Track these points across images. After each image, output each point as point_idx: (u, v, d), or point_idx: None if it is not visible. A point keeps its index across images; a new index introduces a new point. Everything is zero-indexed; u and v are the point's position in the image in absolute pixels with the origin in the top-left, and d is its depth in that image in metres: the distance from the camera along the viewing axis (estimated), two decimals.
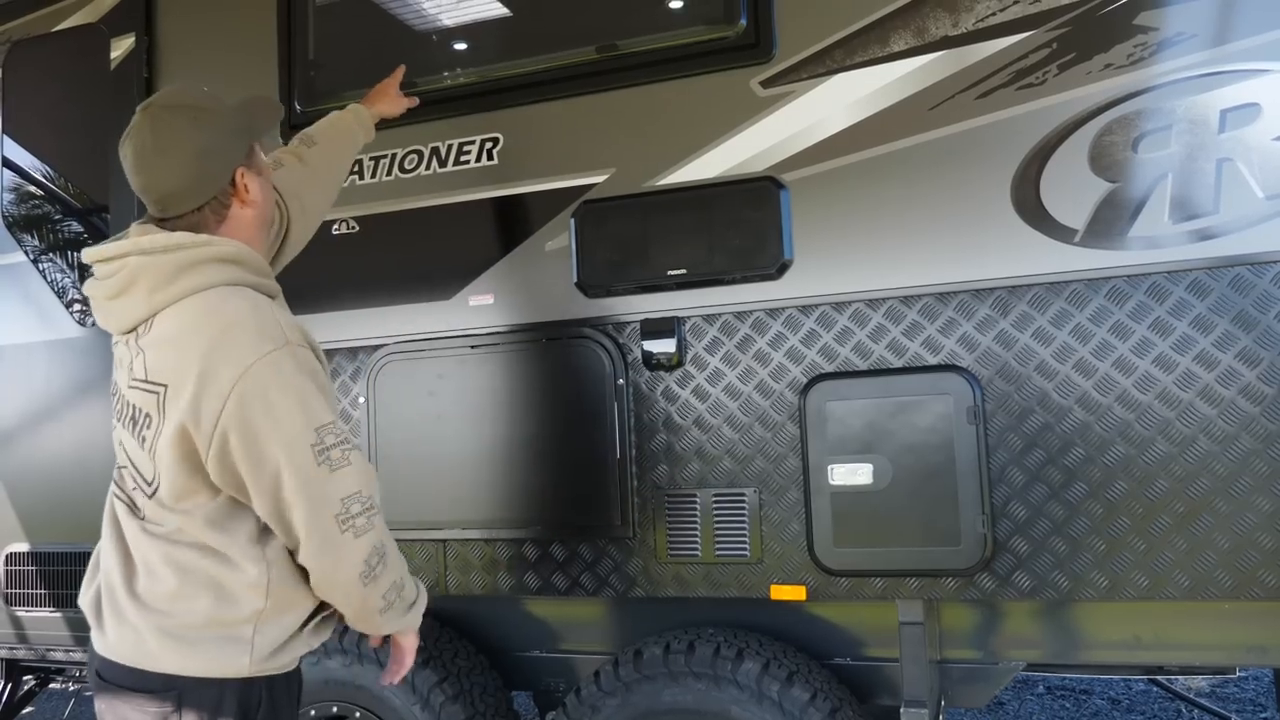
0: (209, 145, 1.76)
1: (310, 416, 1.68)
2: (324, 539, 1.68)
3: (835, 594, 2.53)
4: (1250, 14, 2.24)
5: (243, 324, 1.69)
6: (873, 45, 2.53)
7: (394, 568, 1.81)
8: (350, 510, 1.70)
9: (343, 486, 1.70)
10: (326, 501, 1.68)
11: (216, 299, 1.71)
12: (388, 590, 1.79)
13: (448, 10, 3.04)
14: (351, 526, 1.70)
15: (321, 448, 1.68)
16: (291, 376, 1.68)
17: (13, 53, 3.53)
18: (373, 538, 1.73)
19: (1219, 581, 2.24)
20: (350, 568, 1.71)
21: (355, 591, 1.74)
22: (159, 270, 1.71)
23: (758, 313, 2.60)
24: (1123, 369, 2.32)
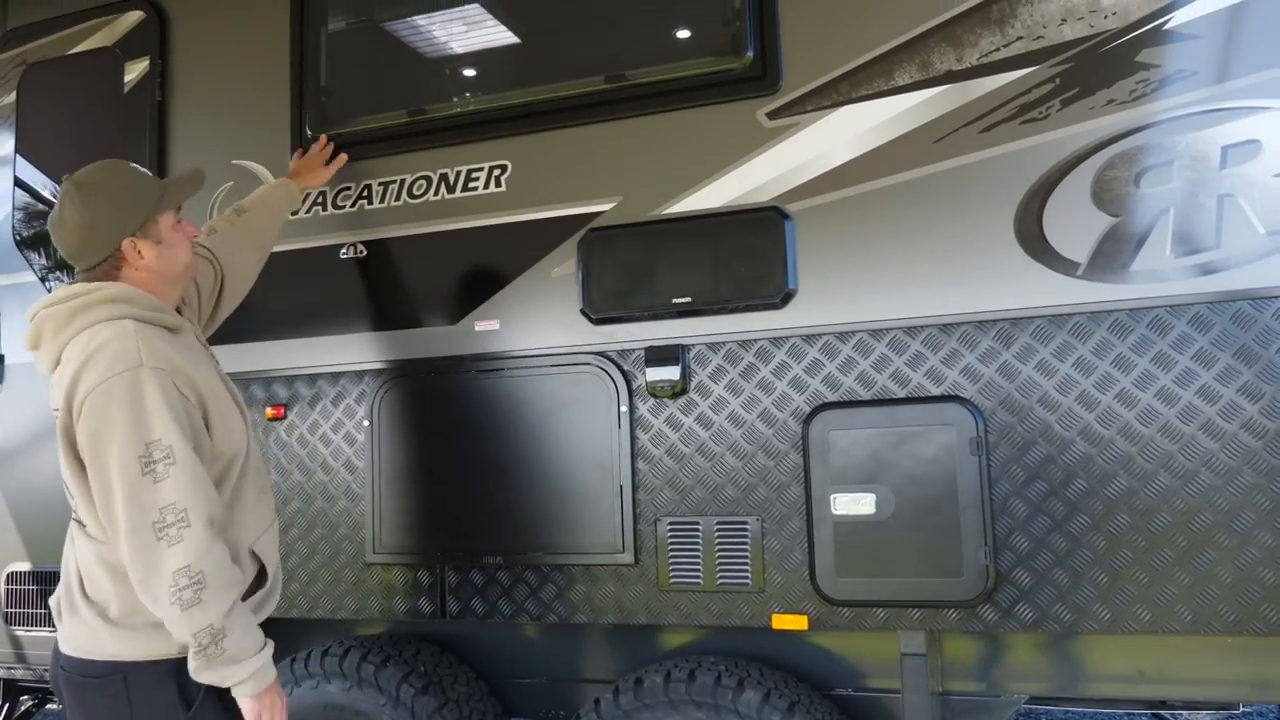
0: (92, 221, 2.07)
1: (143, 431, 1.90)
2: (141, 542, 1.88)
3: (837, 624, 2.52)
4: (1251, 52, 2.26)
5: (104, 348, 1.94)
6: (878, 78, 2.56)
7: (212, 609, 1.89)
8: (166, 519, 1.88)
9: (162, 497, 1.89)
10: (145, 509, 1.88)
11: (95, 331, 1.99)
12: (200, 630, 1.89)
13: (458, 37, 3.08)
14: (165, 535, 1.88)
15: (148, 459, 1.89)
16: (136, 394, 1.91)
17: (28, 74, 3.57)
18: (183, 551, 1.88)
19: (1222, 616, 2.24)
20: (162, 577, 1.88)
21: (165, 608, 1.89)
22: (58, 317, 2.03)
23: (762, 341, 2.62)
24: (1125, 402, 2.32)
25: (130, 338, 1.96)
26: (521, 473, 2.79)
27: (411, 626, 3.15)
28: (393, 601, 2.93)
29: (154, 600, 1.90)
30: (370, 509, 2.94)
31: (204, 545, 1.90)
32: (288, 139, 3.14)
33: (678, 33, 2.84)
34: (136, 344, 1.95)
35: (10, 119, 3.59)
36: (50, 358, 2.06)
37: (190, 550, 1.88)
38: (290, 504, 3.05)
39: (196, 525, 1.90)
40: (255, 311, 3.12)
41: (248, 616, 1.98)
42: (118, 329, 1.97)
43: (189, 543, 1.88)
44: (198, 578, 1.88)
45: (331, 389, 3.03)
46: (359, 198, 3.05)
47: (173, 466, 1.90)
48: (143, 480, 1.88)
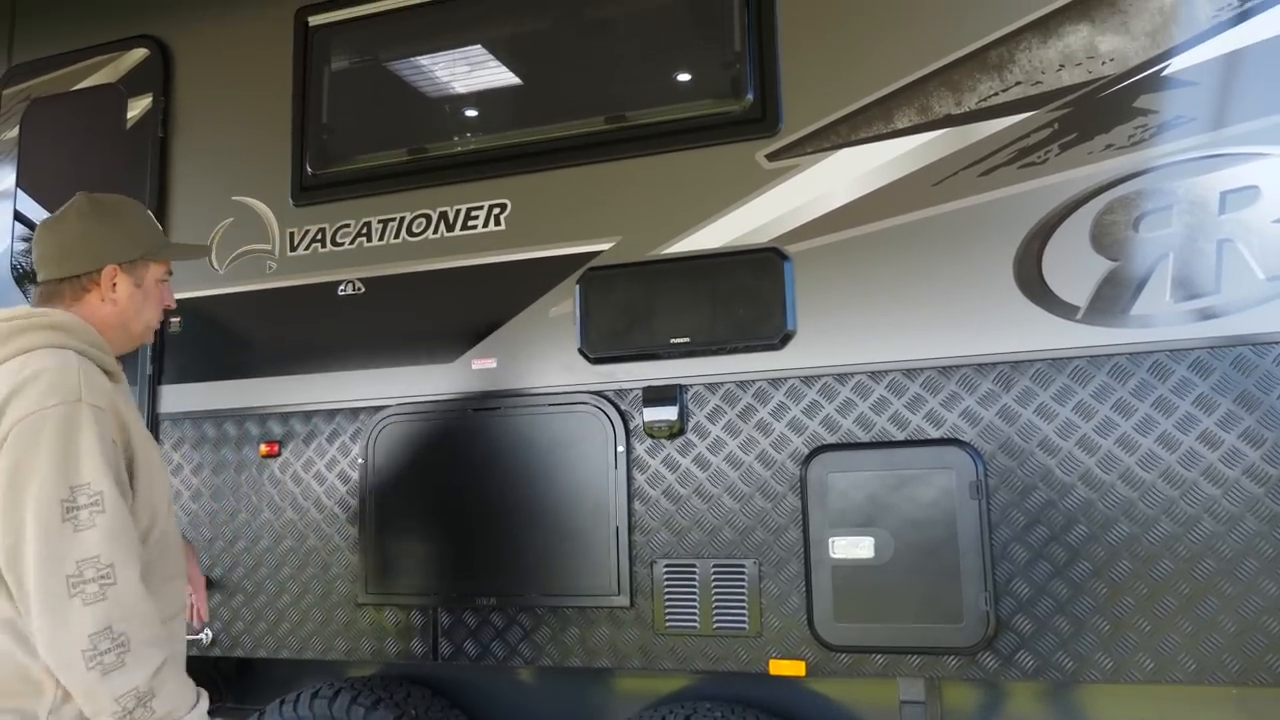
0: (91, 234, 1.99)
1: (70, 473, 1.69)
2: (50, 598, 1.64)
3: (835, 670, 2.49)
4: (1248, 99, 2.28)
5: (39, 377, 1.75)
6: (877, 122, 2.57)
7: (139, 669, 1.66)
8: (84, 574, 1.65)
9: (82, 549, 1.66)
10: (60, 559, 1.65)
11: (33, 356, 1.80)
12: (124, 694, 1.64)
13: (459, 78, 3.10)
14: (81, 592, 1.64)
15: (71, 505, 1.67)
16: (71, 430, 1.71)
17: (31, 109, 3.59)
18: (103, 611, 1.65)
19: (1225, 666, 2.20)
20: (74, 640, 1.63)
21: (80, 675, 1.63)
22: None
23: (760, 382, 2.60)
24: (1125, 447, 2.31)
25: (72, 369, 1.78)
26: (516, 513, 2.77)
27: (403, 669, 3.11)
28: (384, 643, 2.89)
29: (65, 667, 1.63)
30: (363, 549, 2.91)
31: (130, 603, 1.68)
32: (288, 176, 3.15)
33: (678, 75, 2.87)
34: (78, 376, 1.77)
35: (13, 153, 3.61)
36: None
37: (111, 610, 1.65)
38: (283, 542, 3.02)
39: (124, 582, 1.68)
40: (251, 348, 3.11)
41: (177, 671, 1.76)
42: (59, 358, 1.80)
43: (111, 602, 1.65)
44: (120, 639, 1.65)
45: (326, 426, 3.01)
46: (358, 235, 3.05)
47: (100, 515, 1.69)
48: (61, 528, 1.65)
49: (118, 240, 2.02)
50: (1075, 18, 2.44)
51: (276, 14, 3.26)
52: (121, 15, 3.51)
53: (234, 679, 3.38)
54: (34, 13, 3.71)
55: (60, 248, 2.00)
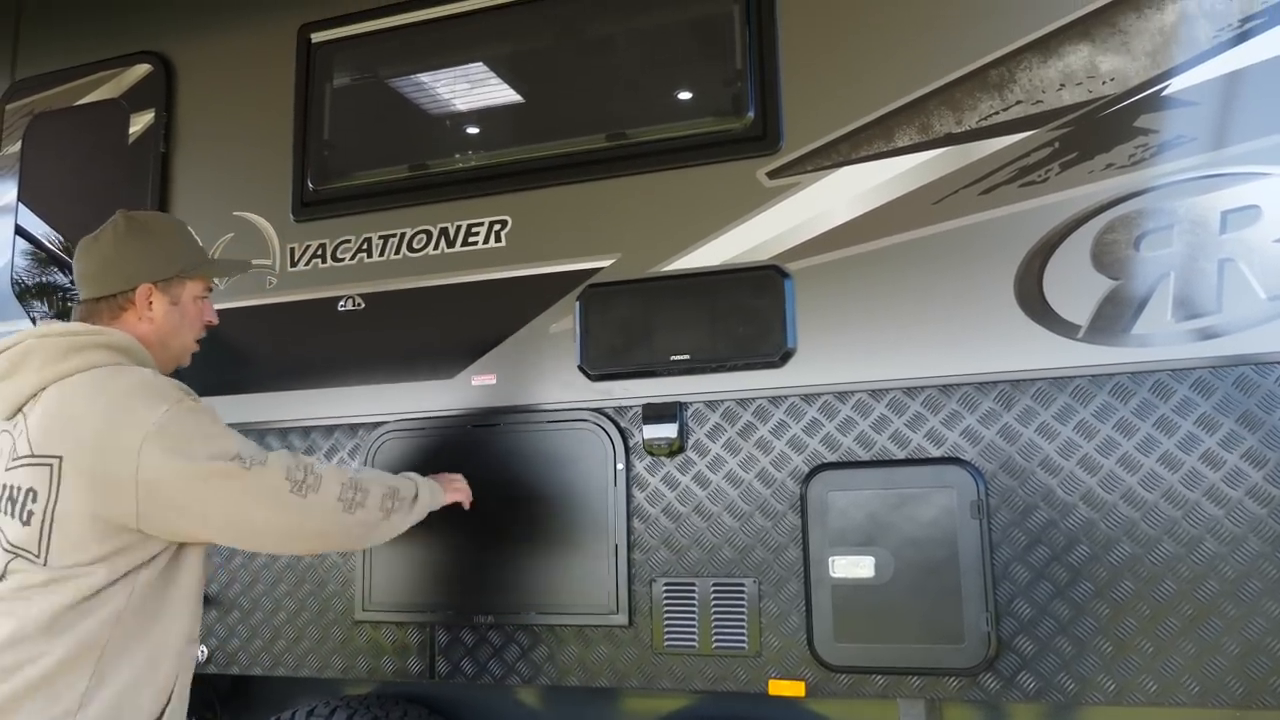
0: (126, 252, 2.05)
1: (222, 446, 1.90)
2: (296, 508, 1.95)
3: (835, 691, 2.46)
4: (1249, 118, 2.28)
5: (136, 390, 1.89)
6: (878, 140, 2.57)
7: (375, 484, 2.12)
8: (296, 479, 1.96)
9: (277, 471, 1.94)
10: (276, 488, 1.93)
11: (109, 374, 1.91)
12: (381, 500, 2.11)
13: (461, 94, 3.11)
14: (307, 486, 1.97)
15: (240, 460, 1.90)
16: (193, 421, 1.90)
17: (34, 124, 3.60)
18: (332, 479, 2.02)
19: (1229, 688, 2.18)
20: (327, 510, 1.99)
21: (348, 521, 2.03)
22: (50, 349, 1.91)
23: (760, 400, 2.60)
24: (1127, 466, 2.29)
25: (152, 376, 1.95)
26: (515, 530, 2.75)
27: (400, 687, 3.08)
28: (381, 661, 2.87)
29: (336, 532, 2.04)
30: (360, 565, 2.89)
31: (331, 468, 2.04)
32: (289, 192, 3.16)
33: (679, 92, 2.87)
34: (163, 379, 1.95)
35: (15, 168, 3.61)
36: (25, 393, 1.91)
37: (332, 477, 2.02)
38: (279, 558, 3.00)
39: (314, 463, 2.02)
40: (250, 363, 3.11)
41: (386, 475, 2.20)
42: (135, 372, 1.93)
43: (326, 475, 2.02)
44: (353, 484, 2.06)
45: (325, 442, 3.00)
46: (359, 251, 3.05)
47: (261, 453, 1.95)
48: (247, 473, 1.90)
49: (152, 258, 2.07)
50: (1076, 38, 2.44)
51: (279, 31, 3.27)
52: (125, 31, 3.53)
53: (229, 697, 3.35)
54: (38, 28, 3.73)
55: (97, 267, 2.06)
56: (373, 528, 2.12)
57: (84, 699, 1.78)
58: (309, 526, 1.99)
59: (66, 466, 1.82)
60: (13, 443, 1.90)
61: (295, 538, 2.02)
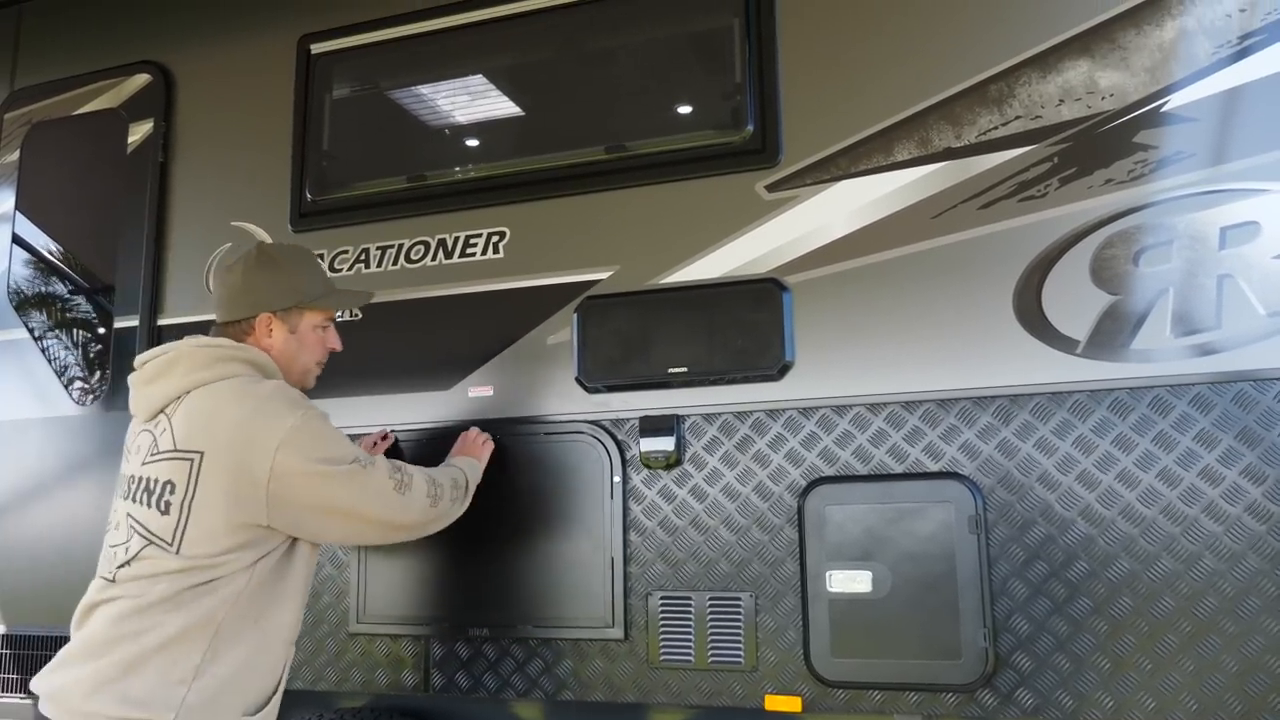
0: (250, 283, 2.25)
1: (345, 450, 2.14)
2: (402, 507, 2.21)
3: (832, 706, 2.45)
4: (1248, 135, 2.28)
5: (274, 397, 2.11)
6: (876, 154, 2.57)
7: (445, 479, 2.37)
8: (397, 479, 2.21)
9: (383, 471, 2.19)
10: (383, 485, 2.17)
11: (248, 382, 2.13)
12: (451, 492, 2.38)
13: (460, 107, 3.11)
14: (405, 485, 2.23)
15: (359, 463, 2.14)
16: (322, 428, 2.13)
17: (32, 133, 3.60)
18: (420, 479, 2.27)
19: (1228, 706, 2.17)
20: (421, 504, 2.26)
21: (432, 513, 2.30)
22: (197, 358, 2.13)
23: (758, 413, 2.59)
24: (1126, 482, 2.29)
25: (287, 387, 2.19)
26: (511, 542, 2.74)
27: (394, 700, 3.06)
28: (375, 673, 2.85)
29: (424, 521, 2.30)
30: (354, 577, 2.88)
31: (417, 470, 2.30)
32: (288, 202, 3.15)
33: (679, 105, 2.87)
34: (296, 392, 2.20)
35: (13, 177, 3.61)
36: (170, 394, 2.11)
37: (421, 480, 2.27)
38: None
39: (403, 464, 2.27)
40: None
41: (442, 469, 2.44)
42: (272, 382, 2.17)
43: (415, 475, 2.26)
44: (433, 480, 2.32)
45: None
46: (356, 261, 3.05)
47: (371, 458, 2.19)
48: (364, 473, 2.14)
49: (273, 289, 2.25)
50: (1075, 53, 2.45)
51: (279, 41, 3.27)
52: (124, 41, 3.53)
53: None
54: (37, 37, 3.73)
55: (227, 294, 2.26)
56: (446, 516, 2.38)
57: (198, 670, 1.95)
58: (406, 519, 2.24)
59: (207, 462, 2.02)
60: (153, 439, 2.10)
61: (396, 528, 2.25)
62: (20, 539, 3.32)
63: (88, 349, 3.42)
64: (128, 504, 2.09)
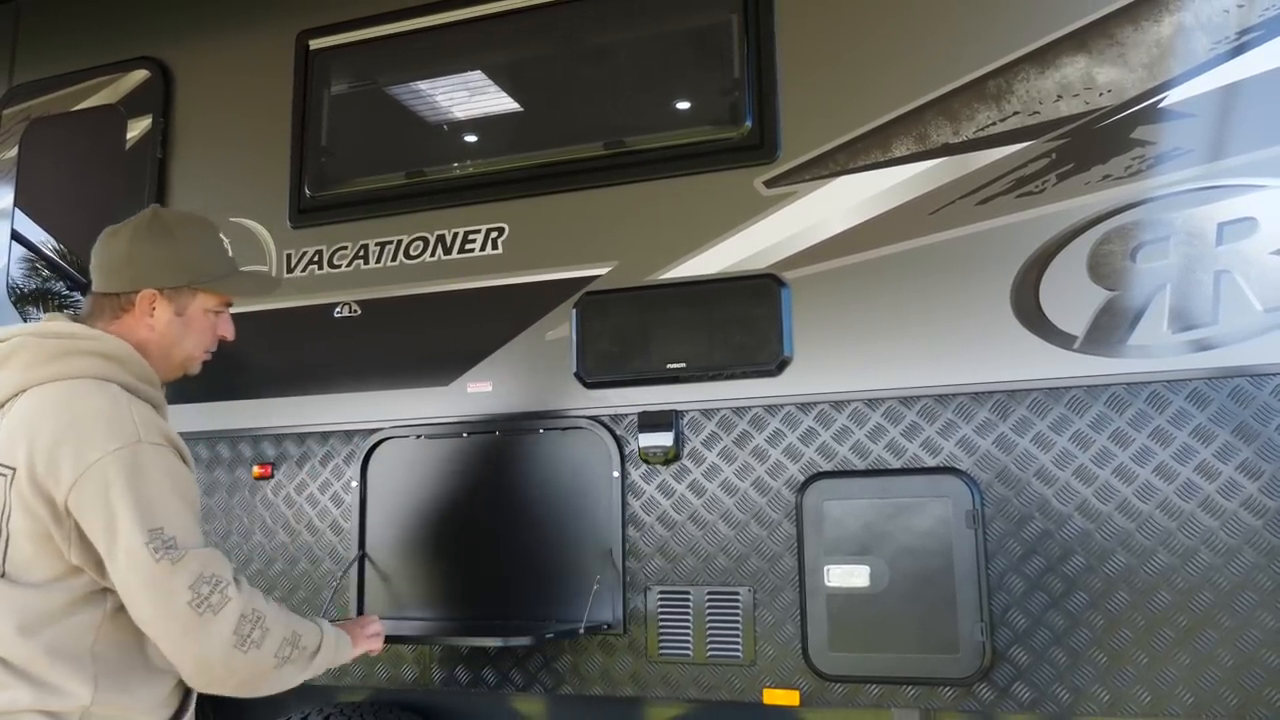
0: (137, 253, 1.94)
1: (147, 515, 1.69)
2: (184, 626, 1.70)
3: (830, 700, 2.46)
4: (1246, 131, 2.28)
5: (95, 417, 1.73)
6: (875, 150, 2.57)
7: (279, 627, 1.82)
8: (201, 593, 1.71)
9: (188, 574, 1.70)
10: (175, 593, 1.69)
11: (79, 389, 1.77)
12: (279, 648, 1.82)
13: (459, 103, 3.11)
14: (209, 606, 1.71)
15: (159, 544, 1.69)
16: (134, 475, 1.71)
17: (31, 129, 3.60)
18: (234, 608, 1.74)
19: (1224, 700, 2.18)
20: (220, 642, 1.72)
21: (237, 661, 1.75)
22: (39, 350, 1.80)
23: (756, 409, 2.59)
24: (1123, 477, 2.29)
25: (124, 407, 1.77)
26: (510, 538, 2.74)
27: (394, 695, 3.07)
28: (375, 668, 2.86)
29: (220, 666, 1.74)
30: (355, 572, 2.88)
31: (245, 592, 1.79)
32: (286, 198, 3.15)
33: (677, 101, 2.87)
34: (130, 414, 1.76)
35: (11, 173, 3.61)
36: (7, 388, 1.79)
37: (239, 605, 1.75)
38: (274, 565, 2.99)
39: (229, 585, 1.76)
40: (246, 369, 3.10)
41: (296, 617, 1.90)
42: (108, 396, 1.77)
43: (237, 599, 1.75)
44: (255, 618, 1.78)
45: (320, 448, 2.99)
46: (355, 257, 3.05)
47: (189, 540, 1.74)
48: (159, 566, 1.68)
49: (162, 264, 1.94)
50: (1073, 49, 2.45)
51: (277, 37, 3.27)
52: (123, 37, 3.53)
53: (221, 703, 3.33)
54: (36, 33, 3.73)
55: (108, 260, 1.96)
56: (260, 676, 1.83)
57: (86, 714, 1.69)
58: (191, 647, 1.72)
59: (18, 479, 1.72)
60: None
61: (177, 651, 1.73)
62: None
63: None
64: None
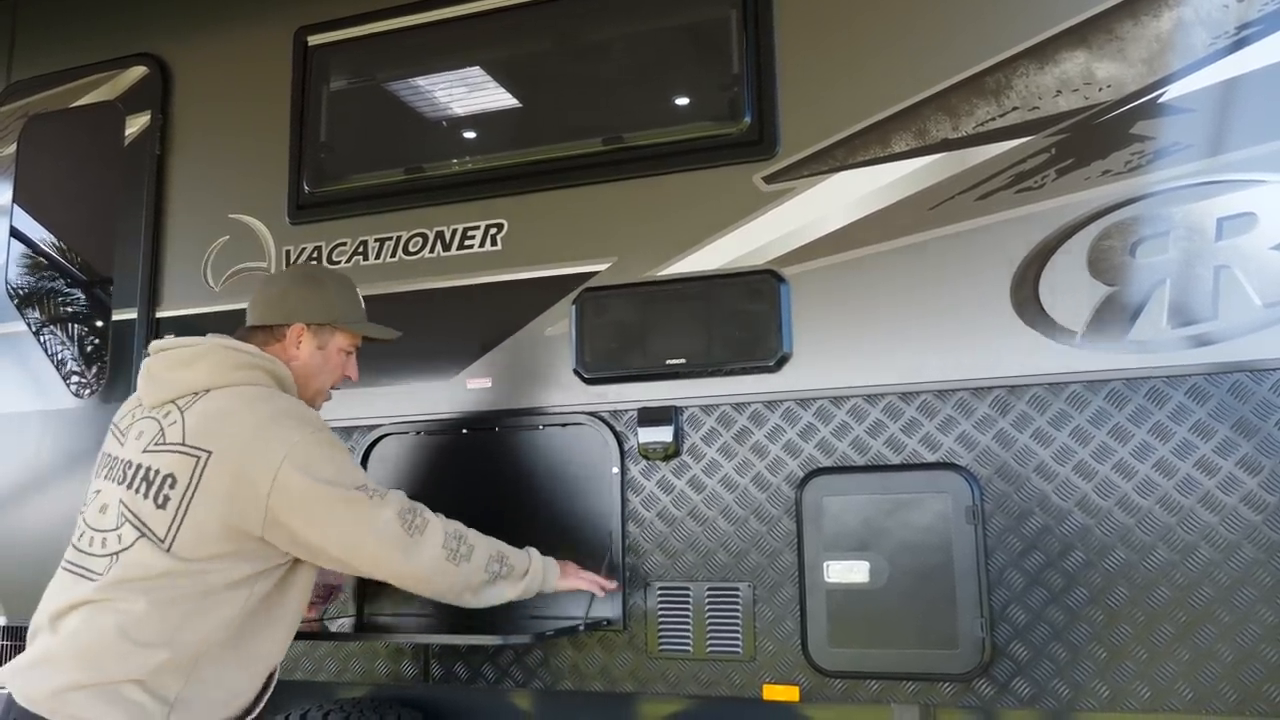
0: (291, 292, 2.29)
1: (349, 475, 2.08)
2: (405, 548, 2.08)
3: (830, 696, 2.46)
4: (1245, 126, 2.28)
5: (289, 411, 2.09)
6: (874, 145, 2.57)
7: (484, 545, 2.23)
8: (407, 520, 2.10)
9: (393, 508, 2.09)
10: (388, 521, 2.07)
11: (264, 393, 2.12)
12: (488, 563, 2.22)
13: (458, 98, 3.11)
14: (415, 528, 2.11)
15: (367, 490, 2.08)
16: (330, 448, 2.08)
17: (29, 126, 3.59)
18: (437, 527, 2.15)
19: (1223, 695, 2.18)
20: (432, 555, 2.12)
21: (451, 571, 2.15)
22: (224, 359, 2.12)
23: (756, 404, 2.59)
24: (1123, 472, 2.29)
25: (303, 404, 2.16)
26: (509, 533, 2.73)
27: (394, 691, 3.07)
28: (375, 664, 2.86)
29: (440, 578, 2.14)
30: None
31: (441, 519, 2.18)
32: (285, 195, 3.15)
33: (676, 97, 2.87)
34: (310, 409, 2.17)
35: (10, 169, 3.61)
36: (190, 386, 2.08)
37: (441, 524, 2.16)
38: None
39: (425, 509, 2.16)
40: None
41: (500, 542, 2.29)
42: (289, 398, 2.15)
43: (437, 522, 2.15)
44: (459, 536, 2.18)
45: None
46: (354, 253, 3.05)
47: (384, 489, 2.12)
48: (368, 502, 2.06)
49: (311, 303, 2.28)
50: (1072, 44, 2.45)
51: (276, 33, 3.26)
52: (121, 33, 3.52)
53: None
54: (34, 29, 3.72)
55: (264, 299, 2.29)
56: (475, 588, 2.21)
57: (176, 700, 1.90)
58: (412, 566, 2.11)
59: (213, 462, 1.98)
60: (159, 429, 2.05)
61: (401, 574, 2.13)
62: (19, 531, 3.32)
63: (85, 342, 3.42)
64: (121, 489, 2.03)
